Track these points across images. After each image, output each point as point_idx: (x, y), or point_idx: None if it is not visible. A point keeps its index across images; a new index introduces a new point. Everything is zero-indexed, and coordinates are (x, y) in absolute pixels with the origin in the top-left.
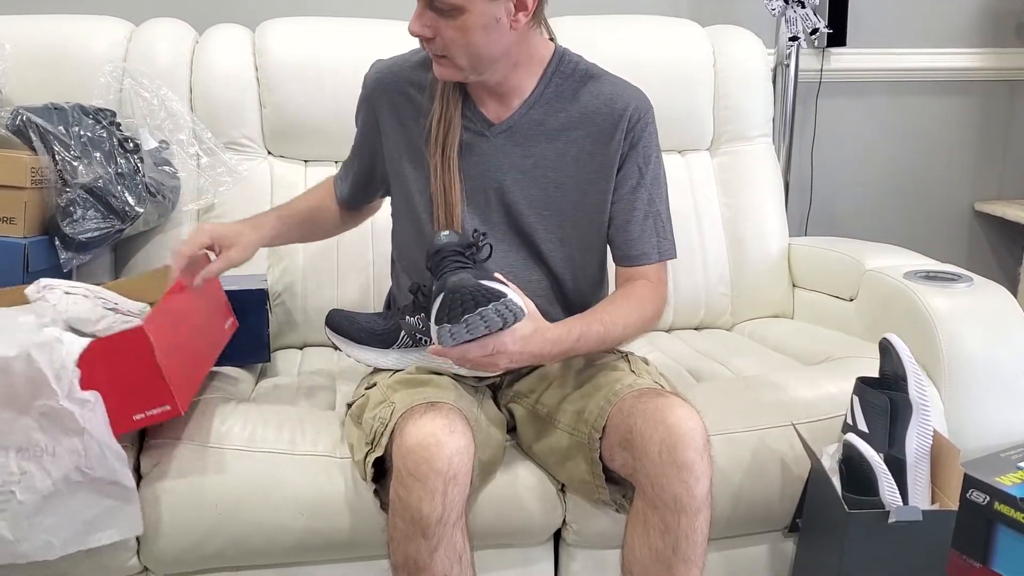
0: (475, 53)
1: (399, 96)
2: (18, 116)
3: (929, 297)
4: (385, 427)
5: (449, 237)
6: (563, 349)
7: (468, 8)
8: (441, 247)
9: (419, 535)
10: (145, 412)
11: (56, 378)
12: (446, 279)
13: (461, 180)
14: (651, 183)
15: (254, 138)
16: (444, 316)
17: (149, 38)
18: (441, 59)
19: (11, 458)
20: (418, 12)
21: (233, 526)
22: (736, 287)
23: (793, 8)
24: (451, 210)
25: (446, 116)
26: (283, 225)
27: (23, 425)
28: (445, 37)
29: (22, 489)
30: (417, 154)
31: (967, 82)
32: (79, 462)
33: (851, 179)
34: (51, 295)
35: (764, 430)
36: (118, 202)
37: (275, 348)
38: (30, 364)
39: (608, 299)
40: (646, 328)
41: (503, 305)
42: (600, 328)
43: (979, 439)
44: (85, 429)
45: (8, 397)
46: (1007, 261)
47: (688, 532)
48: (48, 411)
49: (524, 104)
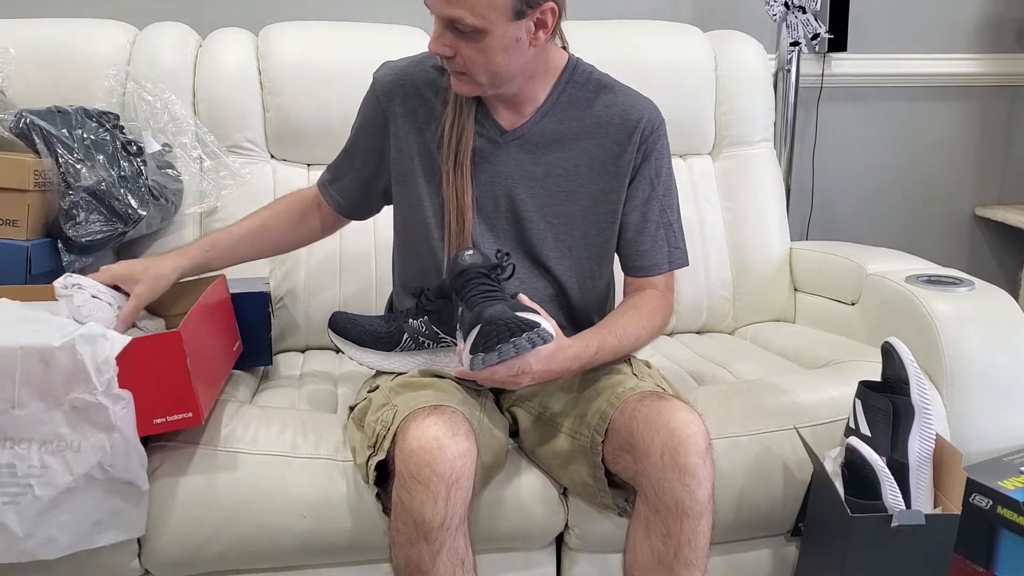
0: (495, 72)
1: (415, 98)
2: (22, 119)
3: (931, 301)
4: (387, 430)
5: (473, 257)
6: (582, 364)
7: (489, 30)
8: (466, 268)
9: (421, 539)
10: (167, 417)
11: (97, 372)
12: (482, 310)
13: (472, 187)
14: (663, 194)
15: (257, 141)
16: (480, 346)
17: (153, 42)
18: (461, 76)
19: (34, 451)
20: (438, 32)
21: (235, 528)
22: (738, 291)
23: (794, 13)
24: (462, 216)
25: (459, 123)
26: (211, 252)
27: (51, 418)
28: (466, 56)
29: (41, 484)
30: (429, 158)
31: (968, 88)
32: (103, 459)
33: (852, 183)
34: (78, 296)
35: (766, 434)
36: (121, 205)
37: (277, 351)
38: (74, 356)
39: (620, 310)
40: (655, 337)
41: (536, 334)
42: (615, 341)
43: (982, 443)
44: (116, 426)
45: (43, 388)
46: (1008, 265)
47: (690, 536)
48: (81, 405)
49: (538, 112)
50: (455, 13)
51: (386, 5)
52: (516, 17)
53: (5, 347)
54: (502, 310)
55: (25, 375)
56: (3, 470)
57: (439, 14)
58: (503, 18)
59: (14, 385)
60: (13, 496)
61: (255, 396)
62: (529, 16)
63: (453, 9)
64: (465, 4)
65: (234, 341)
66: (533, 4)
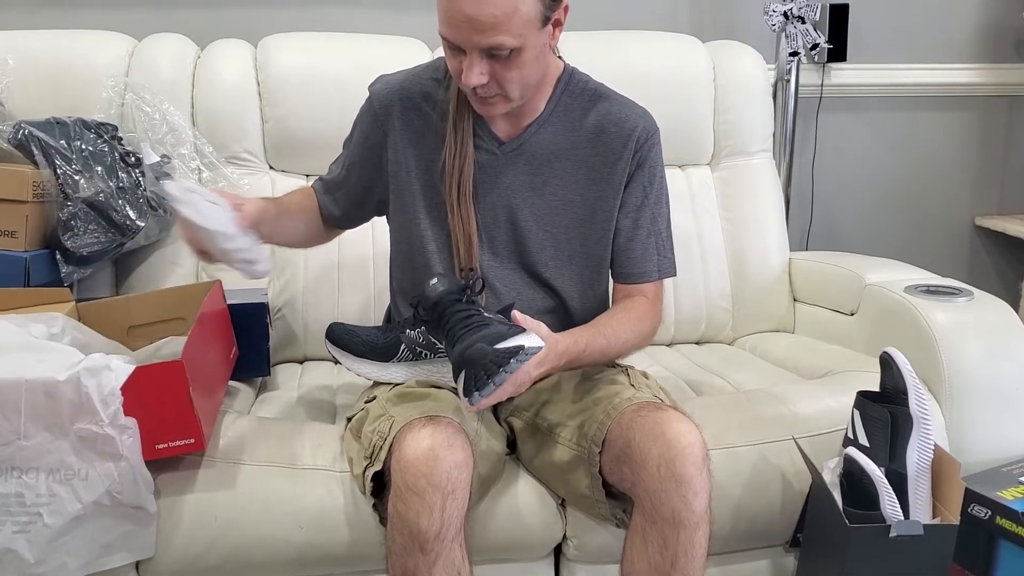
0: (527, 83)
1: (413, 112)
2: (20, 130)
3: (930, 311)
4: (384, 441)
5: (439, 284)
6: (570, 360)
7: (525, 45)
8: (437, 299)
9: (417, 550)
10: (169, 443)
11: (103, 403)
12: (462, 351)
13: (476, 212)
14: (655, 203)
15: (256, 152)
16: (471, 388)
17: (151, 53)
18: (492, 99)
19: (41, 480)
20: (473, 63)
21: (233, 539)
22: (737, 301)
23: (793, 24)
24: (469, 240)
25: (461, 151)
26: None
27: (58, 447)
28: (502, 78)
29: (50, 512)
30: (428, 172)
31: (967, 97)
32: (111, 486)
33: (852, 194)
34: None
35: (764, 444)
36: (119, 216)
37: (275, 362)
38: (79, 389)
39: (609, 313)
40: (642, 344)
41: (523, 355)
42: (603, 341)
43: (980, 453)
44: (123, 455)
45: (49, 419)
46: (1008, 276)
47: (687, 547)
48: (87, 435)
49: (535, 123)
50: (495, 41)
51: (385, 16)
52: (543, 24)
53: (10, 380)
54: (480, 349)
55: (31, 408)
56: (12, 499)
57: (476, 47)
58: (535, 29)
59: (20, 417)
60: (23, 525)
61: (253, 407)
62: (552, 19)
63: (492, 38)
64: (503, 29)
65: (231, 348)
66: (554, 6)
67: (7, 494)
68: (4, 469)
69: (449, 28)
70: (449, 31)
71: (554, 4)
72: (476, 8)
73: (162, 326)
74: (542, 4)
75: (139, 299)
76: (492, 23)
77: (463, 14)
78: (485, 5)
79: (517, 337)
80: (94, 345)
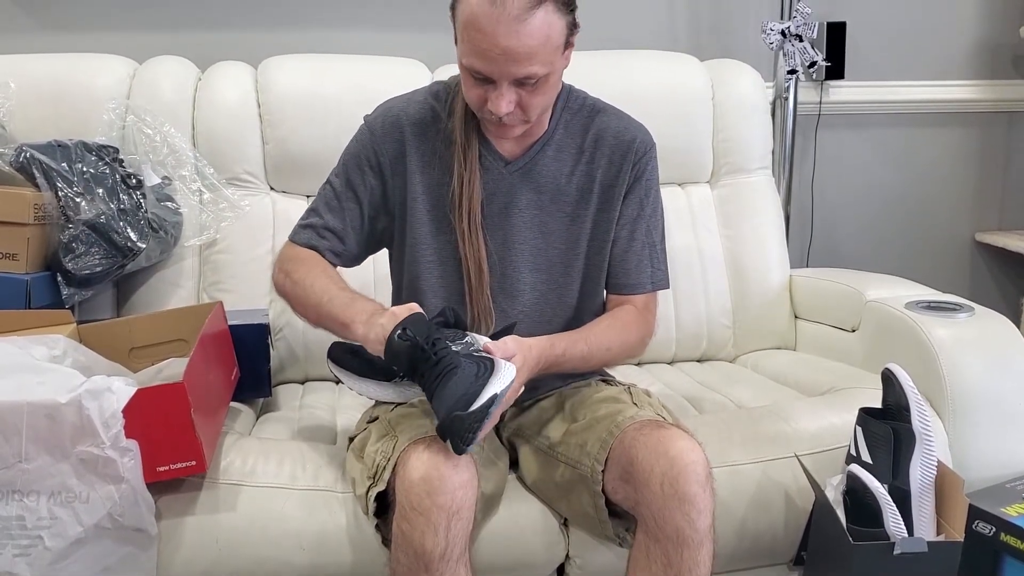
0: (548, 105)
1: (416, 138)
2: (22, 153)
3: (931, 327)
4: (388, 461)
5: (404, 338)
6: (547, 364)
7: (552, 70)
8: (399, 353)
9: (422, 570)
10: (170, 465)
11: (104, 426)
12: (440, 424)
13: (487, 240)
14: (650, 215)
15: (256, 173)
16: (460, 447)
17: (152, 75)
18: (512, 126)
19: (43, 503)
20: (502, 93)
21: (234, 561)
22: (738, 319)
23: (791, 42)
24: (480, 268)
25: (470, 178)
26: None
27: (59, 470)
28: (527, 104)
29: (51, 535)
30: (435, 197)
31: (966, 114)
32: (112, 509)
33: (852, 210)
34: None
35: (767, 462)
36: (120, 238)
37: (276, 382)
38: (80, 411)
39: (595, 321)
40: (630, 354)
41: (499, 399)
42: (585, 347)
43: (984, 469)
44: (124, 477)
45: (50, 442)
46: (1009, 291)
47: (691, 566)
48: (88, 457)
49: (538, 141)
50: (530, 71)
51: (384, 37)
52: (565, 48)
53: (11, 403)
54: (457, 419)
55: (32, 430)
56: (12, 523)
57: (509, 78)
58: (560, 55)
59: (21, 440)
60: (24, 548)
61: (254, 428)
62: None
63: (525, 68)
64: (537, 59)
65: (232, 369)
66: (574, 31)
67: (8, 517)
68: (5, 492)
69: (482, 60)
70: (482, 63)
71: (574, 29)
72: (516, 40)
73: (163, 347)
74: (567, 30)
75: (140, 321)
76: (528, 54)
77: (500, 47)
78: (524, 37)
79: (489, 384)
80: (95, 367)
